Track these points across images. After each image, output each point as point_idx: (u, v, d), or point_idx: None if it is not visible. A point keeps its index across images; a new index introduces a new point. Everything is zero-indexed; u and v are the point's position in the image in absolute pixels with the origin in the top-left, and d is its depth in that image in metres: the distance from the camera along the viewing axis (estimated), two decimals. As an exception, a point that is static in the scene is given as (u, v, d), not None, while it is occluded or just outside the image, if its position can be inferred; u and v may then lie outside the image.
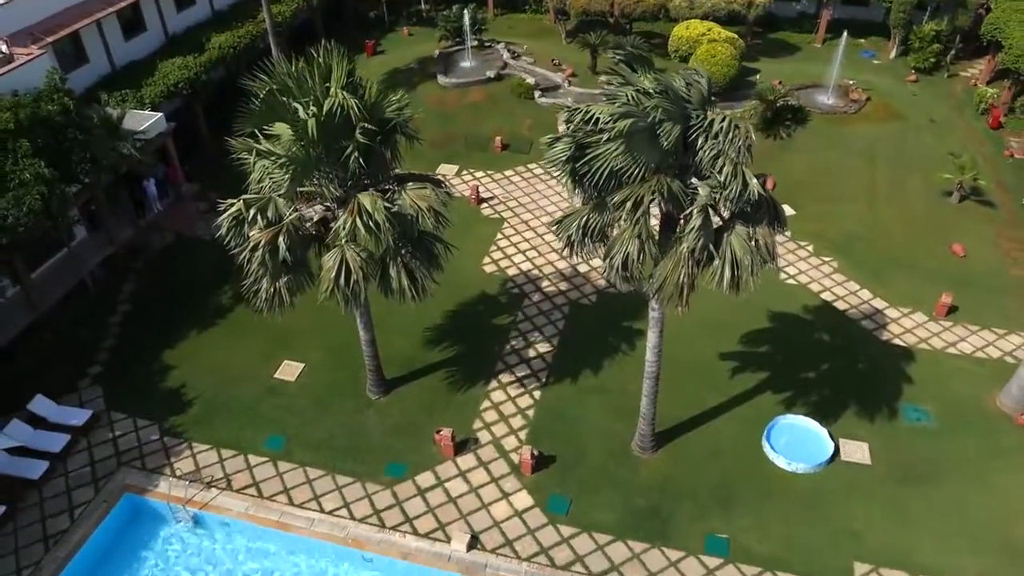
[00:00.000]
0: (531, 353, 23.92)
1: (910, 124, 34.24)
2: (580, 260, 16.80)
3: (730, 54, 34.32)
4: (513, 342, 24.33)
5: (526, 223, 29.54)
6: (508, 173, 32.40)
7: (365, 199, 16.90)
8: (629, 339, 24.13)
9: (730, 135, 13.70)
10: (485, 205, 30.55)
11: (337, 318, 23.92)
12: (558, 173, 15.11)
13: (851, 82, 36.30)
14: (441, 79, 37.21)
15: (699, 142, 14.13)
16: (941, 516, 19.09)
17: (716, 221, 15.00)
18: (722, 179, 13.70)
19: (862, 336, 24.33)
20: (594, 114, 14.07)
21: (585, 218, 15.47)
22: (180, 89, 31.46)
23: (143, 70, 31.48)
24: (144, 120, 27.97)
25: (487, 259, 27.77)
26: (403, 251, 18.16)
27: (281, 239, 16.98)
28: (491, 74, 36.93)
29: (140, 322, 25.59)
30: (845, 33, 35.85)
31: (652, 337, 18.24)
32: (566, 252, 16.46)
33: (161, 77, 31.13)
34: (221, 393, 22.81)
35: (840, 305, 25.50)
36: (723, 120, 13.86)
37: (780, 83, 35.57)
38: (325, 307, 24.96)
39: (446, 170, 32.40)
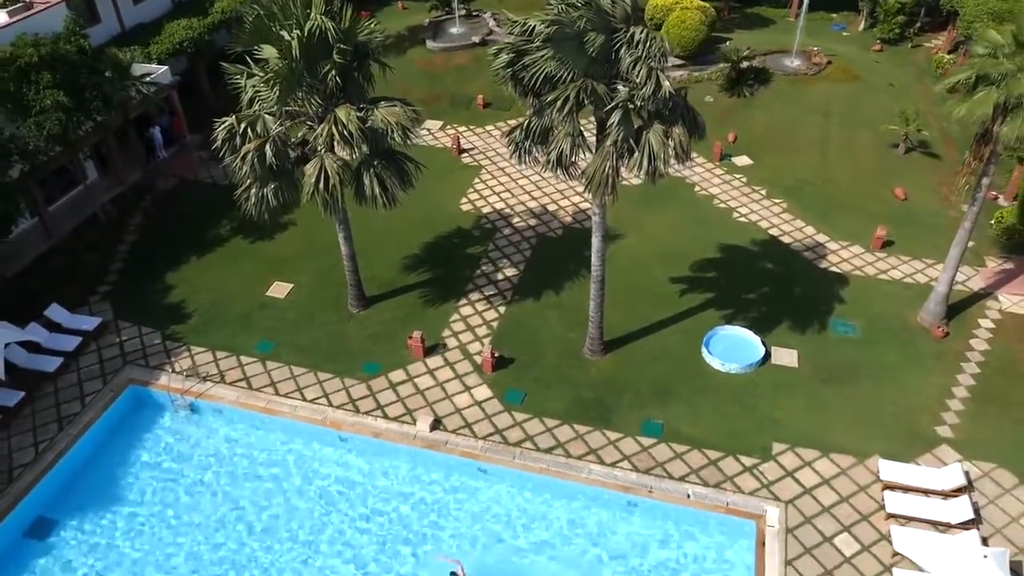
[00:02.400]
0: (499, 276, 26.31)
1: (868, 86, 36.43)
2: (526, 166, 18.95)
3: (699, 20, 36.58)
4: (484, 267, 26.73)
5: (502, 170, 31.92)
6: (488, 128, 34.78)
7: (340, 111, 19.35)
8: (590, 266, 26.35)
9: (648, 43, 16.02)
10: (465, 155, 32.95)
11: (323, 246, 26.62)
12: (502, 80, 17.47)
13: (815, 48, 38.50)
14: (430, 44, 39.68)
15: (622, 52, 16.46)
16: (855, 409, 21.34)
17: (640, 123, 17.29)
18: (639, 81, 16.01)
19: (803, 265, 26.61)
20: (530, 25, 16.44)
21: (527, 123, 17.84)
22: (184, 48, 33.97)
23: (150, 31, 34.05)
24: (152, 71, 30.52)
25: (464, 199, 30.19)
26: (375, 163, 20.55)
27: (268, 147, 19.41)
28: (476, 39, 39.34)
29: (146, 250, 28.12)
30: (806, 1, 37.95)
31: (595, 242, 20.57)
32: (514, 158, 18.83)
33: (167, 36, 33.68)
34: (217, 307, 25.28)
35: (785, 239, 27.78)
36: (643, 31, 16.19)
37: (748, 48, 37.74)
38: (313, 237, 27.75)
39: (430, 124, 34.80)
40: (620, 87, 16.69)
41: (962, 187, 21.81)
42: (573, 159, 17.55)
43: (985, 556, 15.69)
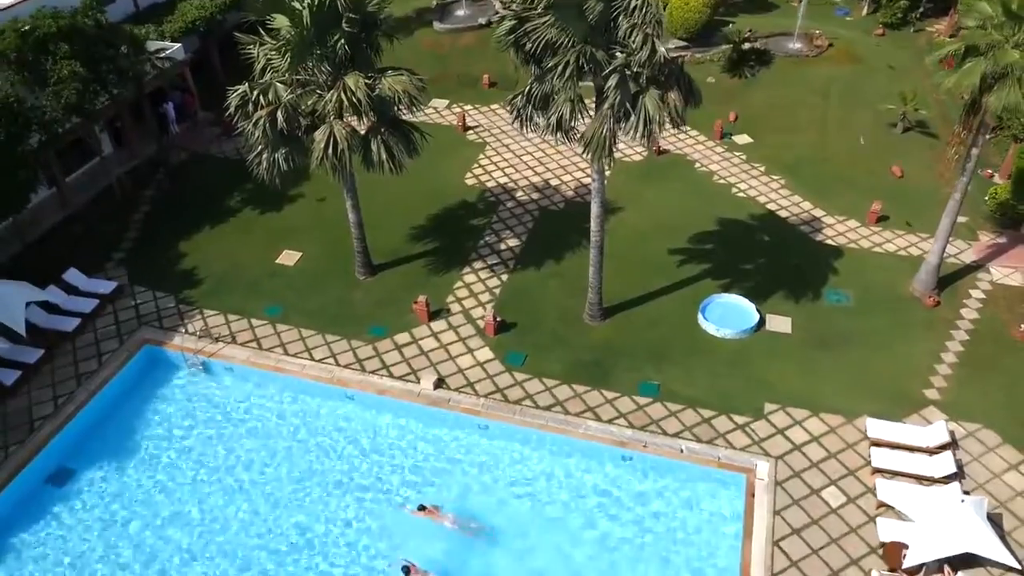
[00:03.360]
0: (502, 247, 27.05)
1: (868, 68, 36.96)
2: (527, 131, 19.64)
3: (703, 2, 37.09)
4: (487, 238, 27.46)
5: (506, 146, 32.62)
6: (494, 106, 35.42)
7: (349, 79, 20.11)
8: (590, 236, 27.10)
9: (644, 10, 16.69)
10: (471, 132, 33.66)
11: (332, 218, 27.45)
12: (505, 48, 18.17)
13: (817, 31, 39.01)
14: (437, 25, 40.36)
15: (620, 19, 17.14)
16: (846, 373, 22.01)
17: (636, 89, 17.95)
18: (634, 46, 16.69)
19: (799, 238, 27.25)
20: (532, -7, 17.15)
21: (528, 88, 18.55)
22: (197, 26, 34.71)
23: (164, 10, 34.84)
24: (166, 47, 31.32)
25: (469, 174, 30.91)
26: (383, 130, 21.29)
27: (279, 113, 20.16)
28: (483, 21, 39.96)
29: (160, 220, 28.96)
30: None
31: (595, 208, 21.26)
32: (515, 124, 19.55)
33: (180, 15, 34.43)
34: (229, 273, 26.10)
35: (783, 214, 28.41)
36: (639, -1, 16.85)
37: (750, 30, 38.26)
38: (322, 209, 28.52)
39: (437, 103, 35.50)
40: (618, 53, 17.35)
41: (952, 157, 22.37)
42: (572, 123, 18.23)
43: (962, 501, 16.36)
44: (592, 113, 18.83)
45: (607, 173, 19.72)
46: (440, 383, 21.74)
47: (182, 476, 20.22)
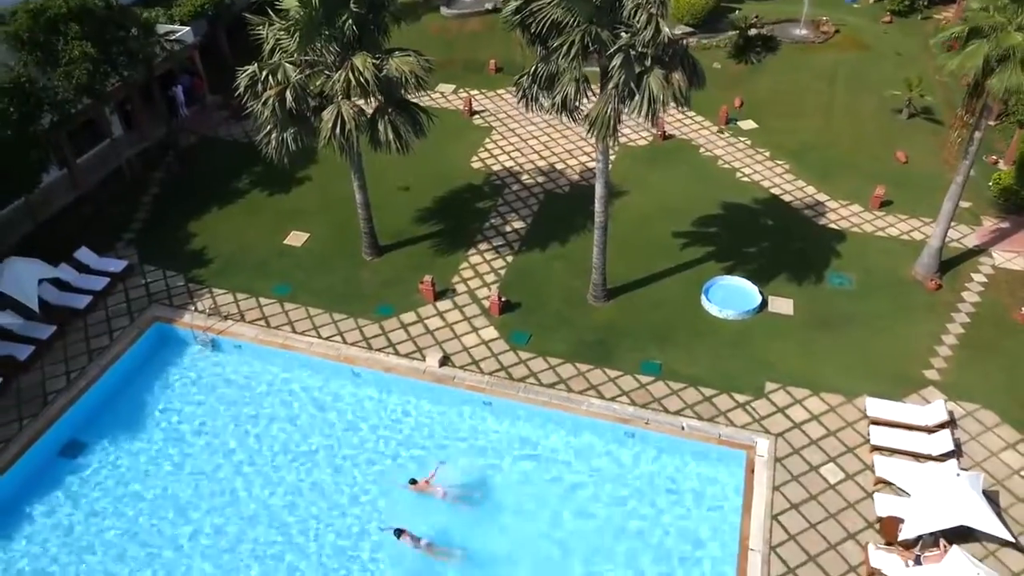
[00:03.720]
0: (507, 229, 27.30)
1: (875, 55, 37.02)
2: (533, 111, 19.87)
3: (709, -13, 37.19)
4: (493, 220, 27.73)
5: (512, 131, 32.82)
6: (500, 91, 35.60)
7: (357, 59, 20.36)
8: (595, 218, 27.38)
9: (648, -9, 16.86)
10: (477, 116, 33.86)
11: (339, 200, 27.75)
12: (511, 28, 18.37)
13: (824, 18, 39.04)
14: (444, 10, 40.54)
15: (624, 0, 17.33)
16: (846, 354, 22.22)
17: (641, 69, 18.14)
18: (639, 26, 16.88)
19: (802, 222, 27.43)
20: (539, -28, 17.34)
21: (534, 68, 18.77)
22: (205, 10, 34.93)
23: (173, -5, 35.06)
24: (175, 30, 31.59)
25: (475, 158, 31.15)
26: (390, 111, 21.53)
27: (288, 93, 20.43)
28: (489, 6, 40.13)
29: (169, 201, 29.30)
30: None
31: (599, 189, 21.49)
32: (521, 104, 19.78)
33: (189, 0, 34.63)
34: (237, 253, 26.43)
35: (786, 198, 28.58)
36: (644, -21, 17.03)
37: (757, 16, 38.32)
38: (329, 191, 28.82)
39: (443, 88, 35.70)
40: (623, 33, 17.54)
41: (955, 141, 22.50)
42: (577, 103, 18.44)
43: (958, 475, 16.60)
44: (597, 94, 19.02)
45: (612, 155, 19.88)
46: (445, 361, 22.05)
47: (190, 448, 20.61)
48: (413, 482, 18.92)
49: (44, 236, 26.88)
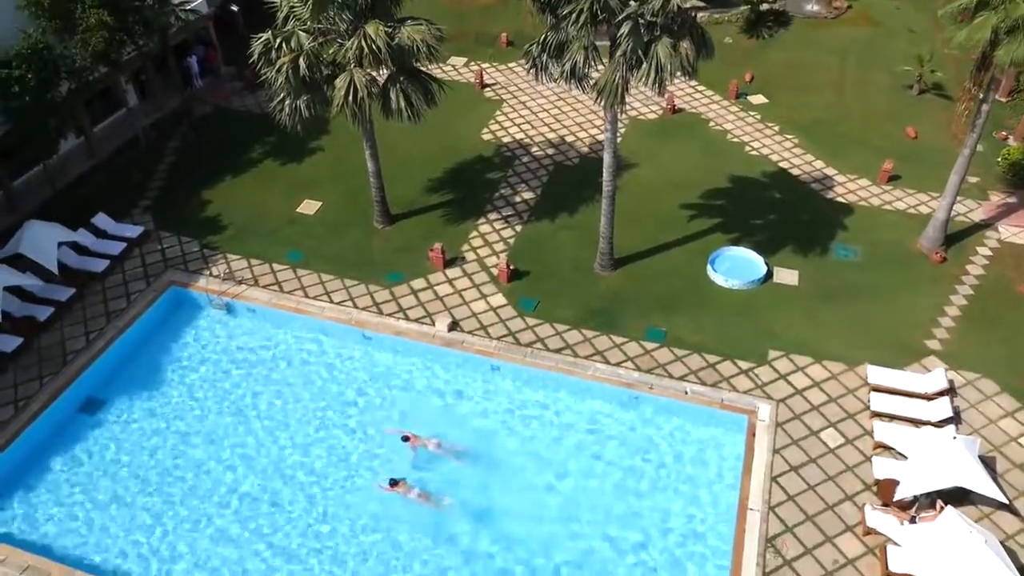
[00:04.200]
0: (517, 199, 27.63)
1: (886, 31, 36.91)
2: (542, 80, 20.13)
3: (722, -38, 37.07)
4: (502, 191, 28.06)
5: (523, 103, 33.04)
6: (511, 65, 35.75)
7: (370, 27, 20.63)
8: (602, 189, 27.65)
9: (658, -41, 17.04)
10: (488, 89, 34.07)
11: (351, 170, 28.14)
12: (522, -2, 18.63)
13: (836, -7, 38.90)
14: (456, -17, 40.50)
15: (635, -32, 17.51)
16: (849, 323, 22.51)
17: (649, 38, 18.34)
18: (648, -6, 17.09)
19: (810, 195, 27.62)
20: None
21: (544, 37, 19.01)
22: (220, -19, 35.21)
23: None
24: (189, 1, 31.86)
25: (485, 130, 31.42)
26: (401, 79, 21.83)
27: (301, 60, 20.75)
28: (502, -21, 40.05)
29: (184, 170, 29.75)
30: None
31: (607, 158, 21.77)
32: (530, 73, 20.03)
33: (204, -30, 34.87)
34: (251, 221, 26.89)
35: (795, 172, 28.75)
36: (654, -53, 17.20)
37: (768, -9, 38.21)
38: (341, 161, 29.19)
39: (455, 61, 35.90)
40: (631, 1, 17.74)
41: (962, 114, 22.60)
42: (586, 70, 18.68)
43: (955, 438, 16.94)
44: (606, 63, 19.24)
45: (621, 128, 20.13)
46: (454, 326, 22.49)
47: (206, 407, 21.20)
48: (406, 439, 19.44)
49: (62, 202, 27.43)
